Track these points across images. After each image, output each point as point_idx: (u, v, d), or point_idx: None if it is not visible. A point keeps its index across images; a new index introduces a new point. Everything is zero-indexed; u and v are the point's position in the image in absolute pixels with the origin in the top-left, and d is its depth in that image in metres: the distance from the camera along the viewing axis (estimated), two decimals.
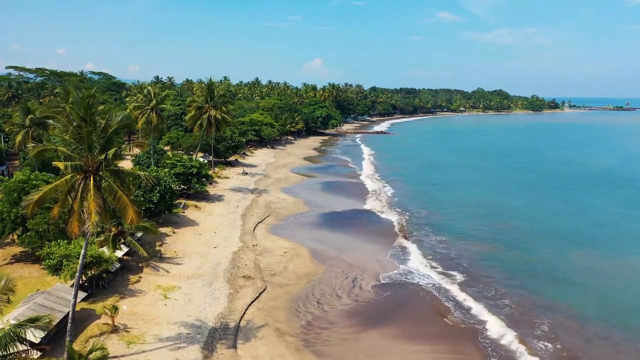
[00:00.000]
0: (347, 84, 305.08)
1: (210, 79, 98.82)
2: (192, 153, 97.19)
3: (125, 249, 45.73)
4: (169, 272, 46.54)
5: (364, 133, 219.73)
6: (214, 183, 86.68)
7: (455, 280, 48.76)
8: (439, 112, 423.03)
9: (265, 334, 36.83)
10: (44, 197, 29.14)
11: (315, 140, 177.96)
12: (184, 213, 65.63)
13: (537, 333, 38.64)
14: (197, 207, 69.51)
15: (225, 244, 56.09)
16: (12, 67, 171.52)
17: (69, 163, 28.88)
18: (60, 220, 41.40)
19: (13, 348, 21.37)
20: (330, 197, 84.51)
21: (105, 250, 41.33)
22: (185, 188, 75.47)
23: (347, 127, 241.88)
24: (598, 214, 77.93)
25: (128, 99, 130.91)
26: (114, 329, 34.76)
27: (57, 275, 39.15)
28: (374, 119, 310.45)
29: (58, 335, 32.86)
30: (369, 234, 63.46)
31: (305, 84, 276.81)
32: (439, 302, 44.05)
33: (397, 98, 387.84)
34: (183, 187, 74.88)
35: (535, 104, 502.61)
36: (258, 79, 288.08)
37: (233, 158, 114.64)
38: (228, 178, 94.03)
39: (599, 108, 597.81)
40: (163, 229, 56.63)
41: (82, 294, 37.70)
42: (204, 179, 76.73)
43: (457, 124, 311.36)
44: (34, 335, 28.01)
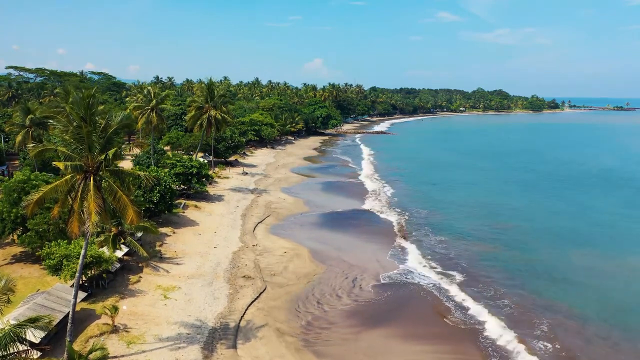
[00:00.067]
0: (347, 84, 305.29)
1: (210, 79, 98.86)
2: (192, 153, 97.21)
3: (125, 249, 45.76)
4: (169, 272, 46.56)
5: (364, 133, 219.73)
6: (214, 183, 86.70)
7: (455, 280, 48.78)
8: (439, 112, 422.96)
9: (265, 334, 36.84)
10: (44, 197, 29.18)
11: (315, 140, 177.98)
12: (184, 213, 65.64)
13: (536, 333, 38.68)
14: (197, 207, 69.53)
15: (225, 244, 56.10)
16: (12, 67, 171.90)
17: (69, 163, 28.91)
18: (60, 220, 41.40)
19: (13, 348, 21.40)
20: (330, 197, 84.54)
21: (105, 251, 41.37)
22: (185, 188, 75.49)
23: (347, 127, 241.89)
24: (598, 214, 77.94)
25: (128, 99, 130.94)
26: (114, 329, 34.77)
27: (57, 276, 39.18)
28: (374, 119, 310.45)
29: (58, 335, 32.87)
30: (369, 234, 63.49)
31: (305, 84, 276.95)
32: (439, 302, 44.07)
33: (397, 98, 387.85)
34: (183, 187, 74.91)
35: (535, 104, 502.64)
36: (258, 79, 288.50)
37: (233, 158, 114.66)
38: (228, 178, 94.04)
39: (599, 108, 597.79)
40: (163, 229, 56.66)
41: (82, 294, 37.72)
42: (204, 179, 76.76)
43: (457, 124, 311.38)
44: (34, 335, 28.00)
